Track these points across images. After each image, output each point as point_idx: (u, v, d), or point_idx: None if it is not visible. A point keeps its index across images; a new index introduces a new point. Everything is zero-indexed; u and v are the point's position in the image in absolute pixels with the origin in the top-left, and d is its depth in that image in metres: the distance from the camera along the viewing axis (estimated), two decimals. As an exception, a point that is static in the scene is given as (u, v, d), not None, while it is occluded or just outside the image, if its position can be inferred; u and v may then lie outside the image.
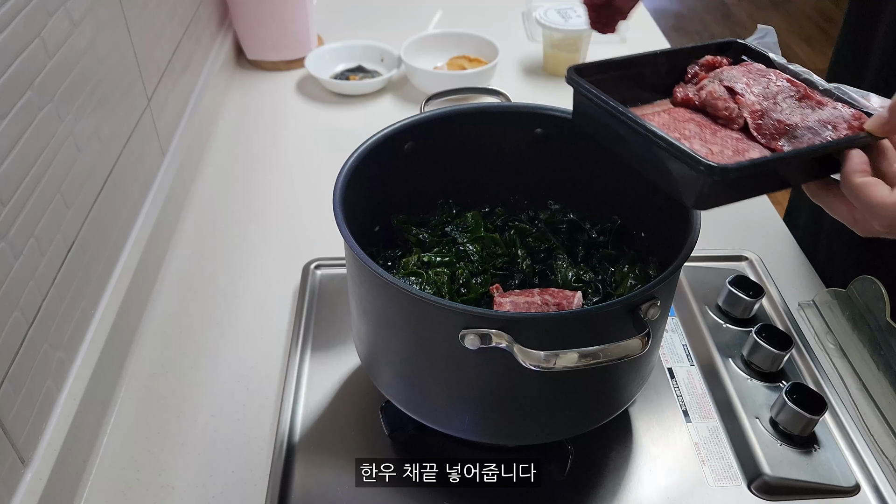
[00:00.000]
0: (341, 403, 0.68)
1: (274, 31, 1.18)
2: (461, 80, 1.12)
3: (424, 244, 0.69)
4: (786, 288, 0.81)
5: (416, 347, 0.55)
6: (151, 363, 0.74)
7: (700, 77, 0.58)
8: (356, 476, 0.62)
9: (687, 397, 0.69)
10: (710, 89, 0.55)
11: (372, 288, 0.55)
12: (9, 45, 0.55)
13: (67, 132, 0.64)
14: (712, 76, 0.57)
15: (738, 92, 0.54)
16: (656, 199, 0.62)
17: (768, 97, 0.54)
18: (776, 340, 0.69)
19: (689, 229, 0.54)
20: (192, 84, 1.03)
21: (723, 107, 0.53)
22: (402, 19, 1.41)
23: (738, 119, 0.53)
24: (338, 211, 0.55)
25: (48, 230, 0.61)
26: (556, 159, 0.70)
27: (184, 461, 0.65)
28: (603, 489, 0.62)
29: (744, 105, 0.53)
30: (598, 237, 0.70)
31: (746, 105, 0.53)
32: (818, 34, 3.40)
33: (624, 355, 0.48)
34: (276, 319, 0.78)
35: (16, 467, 0.55)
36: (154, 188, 0.86)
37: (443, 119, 0.67)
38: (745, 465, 0.63)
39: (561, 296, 0.61)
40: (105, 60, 0.73)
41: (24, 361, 0.56)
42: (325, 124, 1.11)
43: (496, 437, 0.60)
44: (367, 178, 0.62)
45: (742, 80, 0.55)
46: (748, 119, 0.52)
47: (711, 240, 0.84)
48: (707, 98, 0.54)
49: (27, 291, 0.57)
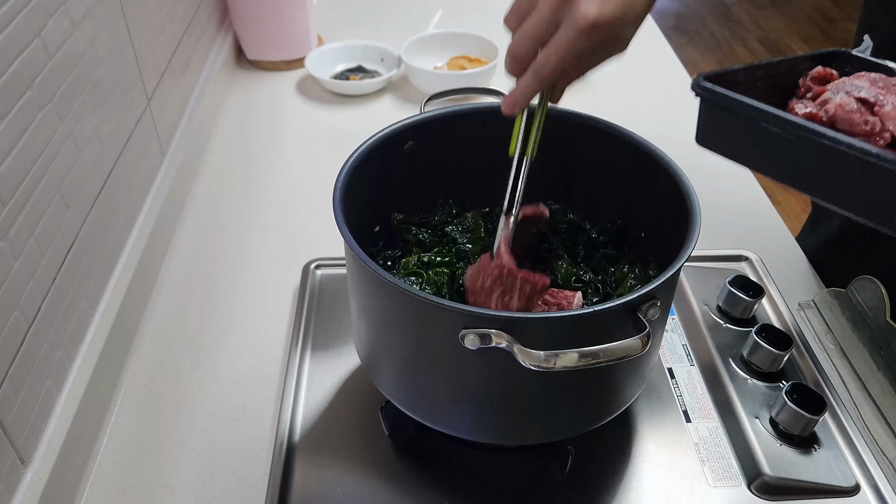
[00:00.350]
0: (341, 403, 0.68)
1: (274, 31, 1.18)
2: (461, 80, 1.12)
3: (424, 244, 0.69)
4: (786, 288, 0.81)
5: (416, 347, 0.55)
6: (151, 363, 0.74)
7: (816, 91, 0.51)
8: (356, 476, 0.62)
9: (687, 397, 0.69)
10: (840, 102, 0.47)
11: (372, 288, 0.55)
12: (9, 45, 0.55)
13: (67, 132, 0.64)
14: (833, 88, 0.50)
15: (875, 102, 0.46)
16: (656, 199, 0.62)
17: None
18: (776, 340, 0.69)
19: (689, 229, 0.54)
20: (192, 84, 1.03)
21: (860, 120, 0.46)
22: (402, 19, 1.41)
23: (884, 133, 0.46)
24: (338, 211, 0.55)
25: (48, 230, 0.61)
26: (556, 159, 0.70)
27: (184, 461, 0.65)
28: (603, 489, 0.62)
29: (887, 117, 0.46)
30: (599, 237, 0.70)
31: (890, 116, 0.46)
32: (818, 34, 3.40)
33: (624, 355, 0.48)
34: (276, 319, 0.78)
35: (16, 467, 0.55)
36: (154, 188, 0.86)
37: (443, 119, 0.67)
38: (745, 465, 0.63)
39: (561, 296, 0.61)
40: (105, 60, 0.73)
41: (24, 361, 0.56)
42: (325, 124, 1.11)
43: (496, 437, 0.60)
44: (367, 178, 0.62)
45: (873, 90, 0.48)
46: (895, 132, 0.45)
47: (711, 240, 0.84)
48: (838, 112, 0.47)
49: (27, 291, 0.57)
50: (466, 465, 0.63)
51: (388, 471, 0.63)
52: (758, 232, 0.91)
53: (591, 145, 0.67)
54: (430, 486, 0.62)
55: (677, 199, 0.58)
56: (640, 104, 1.16)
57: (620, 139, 0.64)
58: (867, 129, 0.46)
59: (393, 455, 0.64)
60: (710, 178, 0.84)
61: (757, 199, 0.96)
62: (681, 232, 0.55)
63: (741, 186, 0.98)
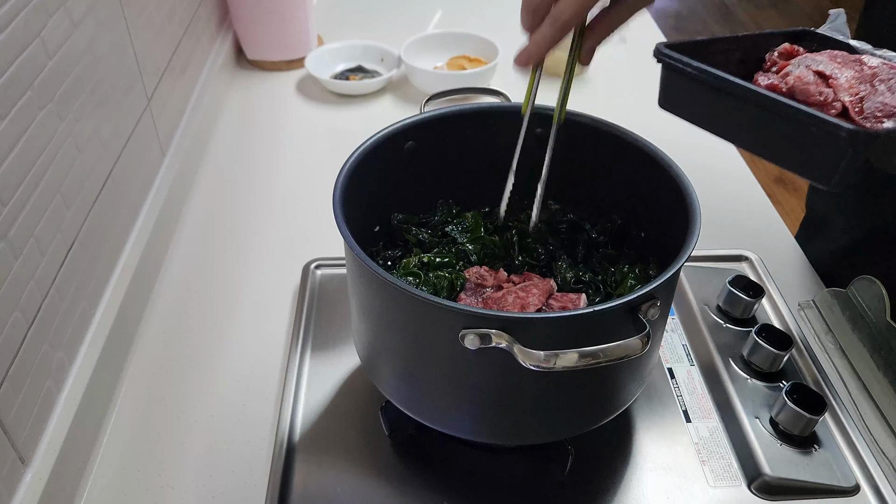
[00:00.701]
0: (341, 403, 0.68)
1: (274, 31, 1.18)
2: (461, 80, 1.12)
3: (424, 244, 0.69)
4: (786, 288, 0.81)
5: (416, 347, 0.55)
6: (151, 363, 0.74)
7: (781, 65, 0.54)
8: (356, 476, 0.62)
9: (687, 397, 0.69)
10: (799, 74, 0.51)
11: (372, 288, 0.55)
12: (9, 45, 0.55)
13: (67, 132, 0.64)
14: (795, 62, 0.53)
15: (830, 75, 0.50)
16: (656, 199, 0.62)
17: (864, 80, 0.50)
18: (776, 340, 0.69)
19: (689, 229, 0.54)
20: (192, 84, 1.03)
21: (816, 91, 0.49)
22: (402, 19, 1.41)
23: (835, 103, 0.49)
24: (338, 211, 0.55)
25: (48, 230, 0.61)
26: (557, 159, 0.70)
27: (184, 461, 0.65)
28: (603, 489, 0.62)
29: (839, 88, 0.49)
30: (599, 237, 0.70)
31: (842, 88, 0.49)
32: (818, 34, 3.39)
33: (624, 355, 0.48)
34: (276, 319, 0.78)
35: (16, 467, 0.55)
36: (154, 188, 0.86)
37: (443, 119, 0.67)
38: (745, 465, 0.63)
39: (566, 299, 0.61)
40: (105, 60, 0.73)
41: (24, 361, 0.56)
42: (325, 124, 1.11)
43: (496, 437, 0.60)
44: (367, 178, 0.62)
45: (830, 65, 0.51)
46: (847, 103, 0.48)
47: (711, 240, 0.84)
48: (796, 84, 0.50)
49: (27, 291, 0.57)
50: (466, 465, 0.63)
51: (388, 471, 0.63)
52: (758, 232, 0.91)
53: (590, 145, 0.67)
54: (430, 486, 0.62)
55: (677, 199, 0.58)
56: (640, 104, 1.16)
57: (620, 139, 0.64)
58: (821, 100, 0.49)
59: (393, 455, 0.64)
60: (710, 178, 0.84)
61: (757, 199, 0.96)
62: (681, 232, 0.55)
63: (741, 186, 0.98)
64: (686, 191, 0.58)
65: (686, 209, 0.56)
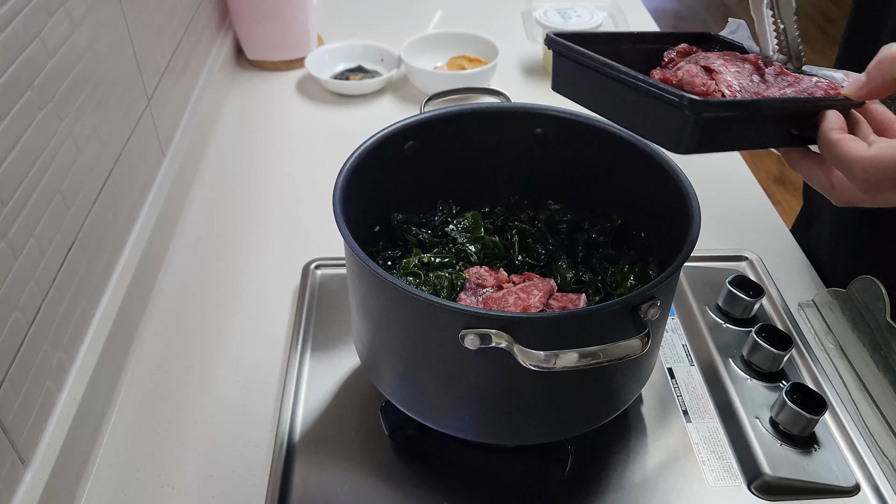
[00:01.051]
0: (341, 403, 0.68)
1: (274, 31, 1.18)
2: (461, 80, 1.12)
3: (424, 244, 0.69)
4: (786, 288, 0.81)
5: (416, 347, 0.55)
6: (151, 363, 0.74)
7: (676, 61, 0.59)
8: (356, 476, 0.62)
9: (687, 397, 0.69)
10: (687, 68, 0.56)
11: (372, 288, 0.55)
12: (9, 45, 0.55)
13: (67, 132, 0.64)
14: (689, 60, 0.58)
15: (715, 69, 0.55)
16: (656, 199, 0.62)
17: (744, 74, 0.55)
18: (776, 340, 0.69)
19: (689, 229, 0.54)
20: (192, 84, 1.03)
21: (700, 83, 0.54)
22: (402, 19, 1.41)
23: (715, 94, 0.53)
24: (338, 211, 0.55)
25: (48, 230, 0.61)
26: (556, 159, 0.70)
27: (184, 461, 0.65)
28: (603, 489, 0.62)
29: (721, 81, 0.54)
30: (598, 237, 0.70)
31: (723, 81, 0.54)
32: (818, 34, 3.39)
33: (624, 355, 0.48)
34: (276, 319, 0.78)
35: (16, 467, 0.55)
36: (154, 188, 0.86)
37: (443, 119, 0.67)
38: (745, 465, 0.63)
39: (566, 299, 0.61)
40: (105, 60, 0.73)
41: (24, 361, 0.56)
42: (325, 124, 1.11)
43: (496, 437, 0.60)
44: (367, 178, 0.62)
45: (718, 61, 0.56)
46: (725, 92, 0.53)
47: (711, 240, 0.84)
48: (684, 76, 0.55)
49: (27, 291, 0.57)
50: (466, 465, 0.63)
51: (388, 471, 0.63)
52: (758, 232, 0.91)
53: (590, 145, 0.67)
54: (430, 486, 0.62)
55: (677, 199, 0.58)
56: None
57: (620, 139, 0.64)
58: (703, 90, 0.54)
59: (393, 455, 0.64)
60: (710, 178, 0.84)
61: (757, 199, 0.96)
62: (681, 232, 0.55)
63: (741, 186, 0.98)
64: (686, 191, 0.58)
65: (686, 209, 0.56)
